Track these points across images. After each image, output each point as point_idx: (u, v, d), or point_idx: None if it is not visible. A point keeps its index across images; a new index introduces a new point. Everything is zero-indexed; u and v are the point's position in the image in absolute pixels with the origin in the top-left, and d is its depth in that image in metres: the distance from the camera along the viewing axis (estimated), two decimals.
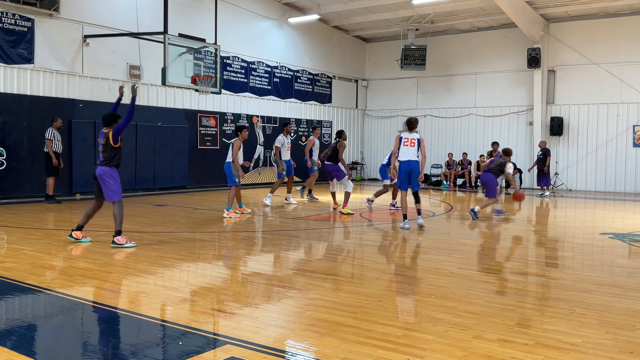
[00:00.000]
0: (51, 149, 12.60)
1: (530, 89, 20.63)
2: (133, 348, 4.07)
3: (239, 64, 19.11)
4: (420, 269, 6.71)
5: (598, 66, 19.50)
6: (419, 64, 21.82)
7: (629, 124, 19.20)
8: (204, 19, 17.02)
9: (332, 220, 11.47)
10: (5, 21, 13.29)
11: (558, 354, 3.92)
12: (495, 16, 20.32)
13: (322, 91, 22.84)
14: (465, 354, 3.90)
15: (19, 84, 13.66)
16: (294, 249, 8.22)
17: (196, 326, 4.45)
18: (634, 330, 4.47)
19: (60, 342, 4.28)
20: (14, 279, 5.92)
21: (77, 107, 14.44)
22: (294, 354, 3.96)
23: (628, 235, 9.75)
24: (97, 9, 15.07)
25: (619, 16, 19.16)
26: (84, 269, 6.39)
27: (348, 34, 23.74)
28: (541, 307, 5.19)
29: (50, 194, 12.87)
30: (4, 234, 8.86)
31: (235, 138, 11.43)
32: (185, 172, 16.93)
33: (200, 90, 14.74)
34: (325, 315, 4.77)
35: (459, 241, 9.04)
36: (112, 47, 15.39)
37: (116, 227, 7.78)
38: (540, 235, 10.21)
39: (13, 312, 5.06)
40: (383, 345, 4.03)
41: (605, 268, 7.19)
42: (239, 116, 18.86)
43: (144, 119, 15.81)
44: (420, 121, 23.22)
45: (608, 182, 19.44)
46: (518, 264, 7.27)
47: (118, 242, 7.69)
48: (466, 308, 5.01)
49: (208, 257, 7.54)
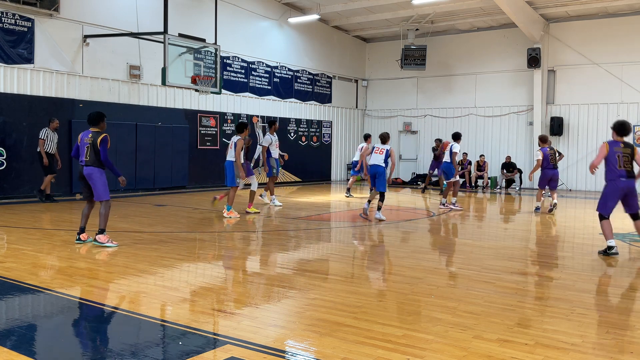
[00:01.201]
0: (42, 149, 12.56)
1: (530, 89, 20.63)
2: (133, 348, 4.07)
3: (239, 64, 19.11)
4: (420, 269, 6.71)
5: (598, 66, 19.50)
6: (419, 64, 21.81)
7: None
8: (204, 19, 17.02)
9: (331, 220, 11.46)
10: (5, 21, 13.29)
11: (558, 354, 3.92)
12: (495, 16, 20.32)
13: (322, 91, 22.84)
14: (465, 354, 3.90)
15: (19, 84, 13.65)
16: (294, 249, 8.22)
17: (196, 326, 4.45)
18: (634, 330, 4.47)
19: (60, 342, 4.28)
20: (14, 279, 5.92)
21: (77, 107, 14.44)
22: (294, 354, 3.95)
23: (628, 235, 9.74)
24: (97, 9, 15.07)
25: (619, 16, 19.16)
26: (84, 269, 6.39)
27: (348, 34, 23.74)
28: (541, 307, 5.19)
29: (44, 190, 12.82)
30: (4, 234, 8.86)
31: (238, 137, 11.10)
32: (185, 172, 16.93)
33: (200, 90, 14.73)
34: (325, 315, 4.77)
35: (459, 241, 9.04)
36: (112, 47, 15.39)
37: (100, 225, 7.84)
38: (540, 235, 10.21)
39: (13, 312, 5.06)
40: (383, 345, 4.03)
41: (605, 268, 7.19)
42: (239, 116, 18.87)
43: (144, 119, 15.82)
44: (421, 121, 23.29)
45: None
46: (518, 264, 7.26)
47: (99, 240, 7.74)
48: (466, 308, 5.01)
49: (208, 257, 7.54)
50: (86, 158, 7.80)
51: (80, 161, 7.92)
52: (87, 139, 7.85)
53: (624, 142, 7.62)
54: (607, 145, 7.57)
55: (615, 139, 7.65)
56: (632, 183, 7.59)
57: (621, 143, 7.58)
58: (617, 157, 7.48)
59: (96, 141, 7.77)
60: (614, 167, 7.49)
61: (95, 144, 7.76)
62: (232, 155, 11.10)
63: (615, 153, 7.49)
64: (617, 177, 7.49)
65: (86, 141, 7.84)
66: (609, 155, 7.52)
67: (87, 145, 7.82)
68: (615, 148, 7.53)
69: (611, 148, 7.54)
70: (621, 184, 7.49)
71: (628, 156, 7.54)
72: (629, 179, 7.51)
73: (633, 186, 7.60)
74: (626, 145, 7.60)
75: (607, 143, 7.61)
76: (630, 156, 7.55)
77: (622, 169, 7.46)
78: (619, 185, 7.50)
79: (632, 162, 7.57)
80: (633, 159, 7.57)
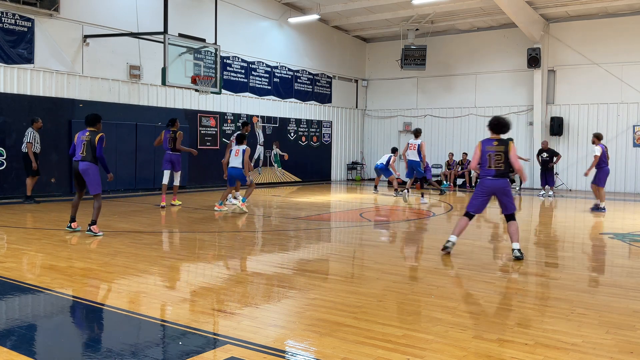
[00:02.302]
0: (31, 151, 12.37)
1: (530, 89, 20.63)
2: (133, 348, 4.07)
3: (239, 64, 19.11)
4: (420, 269, 6.71)
5: (598, 66, 19.50)
6: (419, 64, 21.82)
7: (629, 124, 19.20)
8: (204, 19, 17.03)
9: (331, 220, 11.47)
10: (5, 21, 13.29)
11: (558, 354, 3.92)
12: (495, 16, 20.32)
13: (322, 91, 22.84)
14: (465, 354, 3.90)
15: (19, 84, 13.66)
16: (294, 249, 8.22)
17: (196, 326, 4.45)
18: (634, 330, 4.47)
19: (60, 342, 4.28)
20: (14, 279, 5.92)
21: (77, 107, 14.44)
22: (294, 354, 3.95)
23: (628, 235, 9.75)
24: (97, 9, 15.07)
25: (619, 16, 19.16)
26: (84, 269, 6.39)
27: (348, 34, 23.74)
28: (541, 307, 5.19)
29: (28, 194, 12.66)
30: (4, 234, 8.86)
31: (245, 146, 11.66)
32: (185, 172, 16.91)
33: (200, 90, 14.73)
34: (325, 315, 4.77)
35: (459, 241, 9.04)
36: (112, 47, 15.39)
37: (93, 216, 8.54)
38: (540, 235, 10.21)
39: (13, 312, 5.06)
40: (383, 345, 4.03)
41: (605, 268, 7.19)
42: (239, 116, 18.87)
43: (144, 119, 15.82)
44: (421, 121, 23.29)
45: (608, 182, 19.26)
46: (518, 264, 7.26)
47: (94, 231, 8.48)
48: (466, 308, 5.01)
49: (208, 257, 7.54)
50: (83, 154, 8.42)
51: (76, 157, 8.48)
52: (84, 137, 8.49)
53: (499, 140, 7.35)
54: (480, 144, 7.42)
55: (491, 137, 7.44)
56: (502, 183, 7.25)
57: (495, 141, 7.33)
58: (487, 157, 7.28)
59: (94, 139, 8.42)
60: (483, 167, 7.32)
61: (92, 141, 8.42)
62: (239, 162, 11.55)
63: (487, 152, 7.29)
64: (485, 176, 7.35)
65: (83, 139, 8.47)
66: (481, 154, 7.34)
67: (84, 142, 8.45)
68: (487, 147, 7.32)
69: (483, 147, 7.36)
70: (487, 183, 7.31)
71: (501, 154, 7.23)
72: (496, 178, 7.23)
73: (503, 186, 7.27)
74: (500, 142, 7.31)
75: (480, 142, 7.46)
76: (504, 154, 7.23)
77: (490, 168, 7.26)
78: (485, 184, 7.33)
79: (506, 161, 7.26)
80: (508, 156, 7.25)
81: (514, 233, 7.33)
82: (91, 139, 8.42)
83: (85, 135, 8.48)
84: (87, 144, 8.40)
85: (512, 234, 7.34)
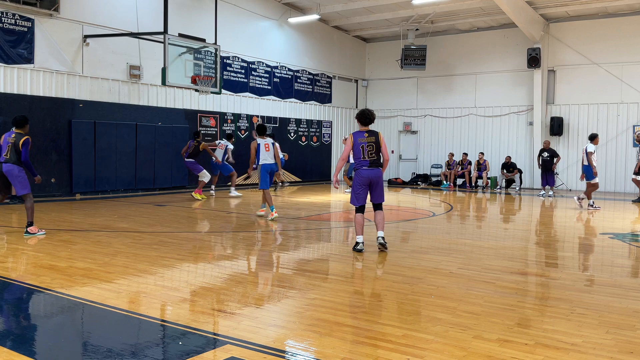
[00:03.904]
0: None
1: (530, 89, 20.63)
2: (133, 348, 4.07)
3: (239, 64, 19.11)
4: (420, 269, 6.71)
5: (598, 66, 19.50)
6: (419, 64, 21.81)
7: (629, 124, 19.20)
8: (204, 19, 17.03)
9: (331, 220, 11.46)
10: (5, 21, 13.29)
11: (558, 354, 3.92)
12: (495, 16, 20.32)
13: (322, 91, 22.84)
14: (465, 354, 3.90)
15: (19, 84, 13.65)
16: (294, 249, 8.22)
17: (196, 326, 4.45)
18: (634, 330, 4.47)
19: (60, 342, 4.28)
20: (14, 279, 5.93)
21: (77, 107, 14.44)
22: (294, 354, 3.95)
23: (628, 235, 9.75)
24: (97, 9, 15.06)
25: (619, 16, 19.16)
26: (84, 269, 6.39)
27: (348, 34, 23.74)
28: (541, 307, 5.19)
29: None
30: (4, 234, 8.86)
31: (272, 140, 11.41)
32: (185, 172, 16.91)
33: (200, 90, 14.74)
34: (325, 315, 4.77)
35: (459, 241, 9.04)
36: (112, 47, 15.39)
37: (28, 218, 8.60)
38: (540, 235, 10.21)
39: (13, 312, 5.06)
40: (383, 345, 4.03)
41: (605, 268, 7.19)
42: (239, 116, 18.87)
43: (144, 119, 15.82)
44: (421, 121, 23.30)
45: (608, 182, 19.43)
46: (518, 264, 7.26)
47: (31, 232, 8.52)
48: (466, 308, 5.01)
49: (208, 257, 7.54)
50: (6, 156, 8.46)
51: (0, 159, 8.49)
52: (10, 138, 8.51)
53: (369, 131, 7.59)
54: (351, 137, 7.61)
55: (360, 129, 7.66)
56: (377, 172, 7.56)
57: (365, 133, 7.57)
58: (360, 149, 7.51)
59: (18, 142, 8.42)
60: (358, 158, 7.54)
61: (17, 144, 8.43)
62: (271, 156, 11.06)
63: (360, 144, 7.51)
64: (361, 166, 7.54)
65: (9, 140, 8.48)
66: (354, 146, 7.55)
67: (9, 144, 8.46)
68: (359, 139, 7.54)
69: (355, 139, 7.56)
70: (364, 173, 7.52)
71: (373, 145, 7.51)
72: (371, 167, 7.50)
73: (378, 175, 7.58)
74: (370, 133, 7.57)
75: (352, 134, 7.64)
76: (375, 145, 7.52)
77: (365, 159, 7.50)
78: (362, 174, 7.53)
79: (378, 151, 7.56)
80: (379, 147, 7.56)
81: (380, 222, 7.72)
82: (16, 142, 8.40)
83: (11, 137, 8.47)
84: (11, 147, 8.41)
85: (378, 223, 7.73)
